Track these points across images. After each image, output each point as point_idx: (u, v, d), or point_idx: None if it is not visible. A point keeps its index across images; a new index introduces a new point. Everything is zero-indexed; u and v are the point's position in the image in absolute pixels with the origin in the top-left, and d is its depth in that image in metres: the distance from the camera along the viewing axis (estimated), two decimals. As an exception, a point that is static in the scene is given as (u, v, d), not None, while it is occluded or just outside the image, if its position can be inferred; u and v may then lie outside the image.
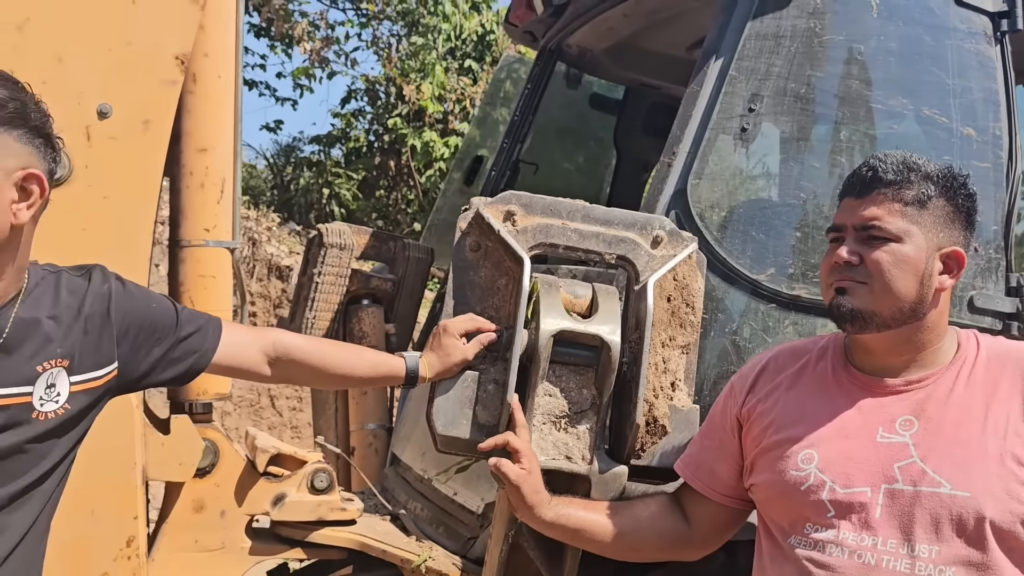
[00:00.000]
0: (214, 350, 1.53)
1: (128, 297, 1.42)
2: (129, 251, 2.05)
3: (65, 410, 1.32)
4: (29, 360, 1.28)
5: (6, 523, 1.28)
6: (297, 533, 2.37)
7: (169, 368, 1.48)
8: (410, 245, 3.31)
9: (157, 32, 2.06)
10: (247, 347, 1.59)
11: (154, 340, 1.45)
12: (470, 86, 10.96)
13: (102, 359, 1.37)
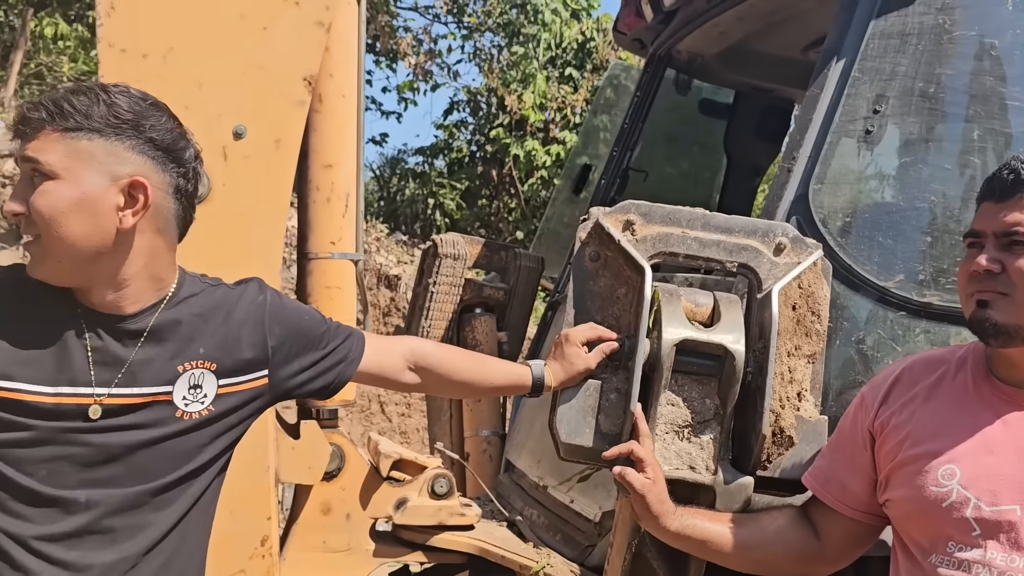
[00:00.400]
0: (360, 359, 1.59)
1: (282, 309, 1.49)
2: (262, 263, 2.15)
3: (210, 411, 1.37)
4: (170, 361, 1.34)
5: (148, 520, 1.33)
6: (418, 537, 2.42)
7: (319, 377, 1.54)
8: (521, 254, 3.35)
9: (287, 56, 2.16)
10: (389, 355, 1.66)
11: (306, 350, 1.51)
12: (571, 94, 11.00)
13: (252, 365, 1.43)
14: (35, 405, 1.26)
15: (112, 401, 1.29)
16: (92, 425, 1.28)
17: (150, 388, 1.32)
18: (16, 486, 1.26)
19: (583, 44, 11.21)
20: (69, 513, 1.28)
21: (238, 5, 2.12)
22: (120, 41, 2.08)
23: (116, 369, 1.31)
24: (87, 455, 1.29)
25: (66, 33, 9.30)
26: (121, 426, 1.30)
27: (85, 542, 1.29)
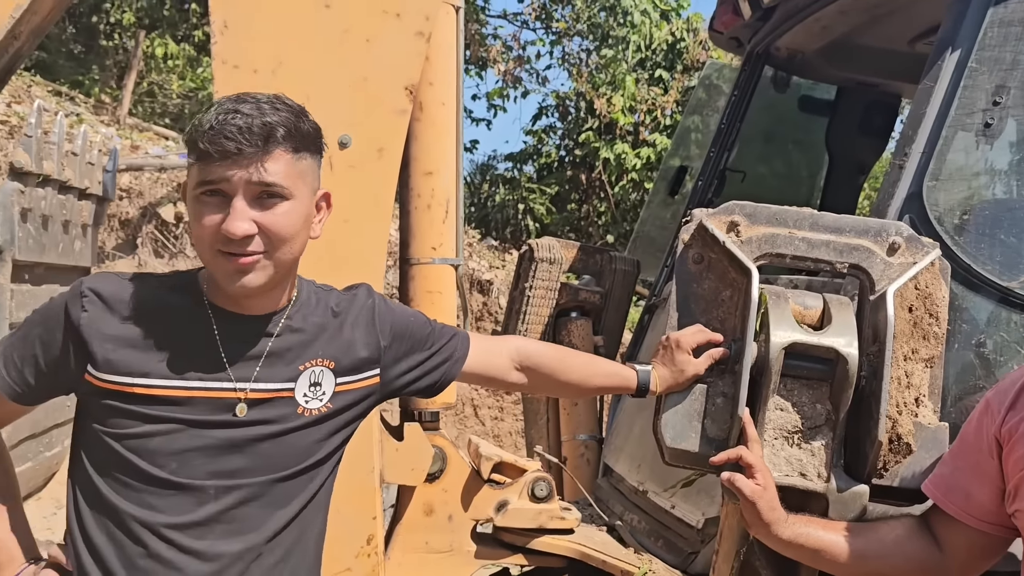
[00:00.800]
0: (464, 358, 1.62)
1: (390, 311, 1.55)
2: (366, 269, 2.21)
3: (328, 408, 1.42)
4: (293, 360, 1.40)
5: (270, 512, 1.38)
6: (518, 539, 2.44)
7: (426, 376, 1.59)
8: (617, 258, 3.33)
9: (389, 67, 2.21)
10: (495, 355, 1.68)
11: (413, 350, 1.56)
12: (660, 96, 10.87)
13: (365, 364, 1.48)
14: (170, 399, 1.32)
15: (249, 396, 1.35)
16: (227, 419, 1.34)
17: (276, 384, 1.38)
18: (149, 476, 1.32)
19: (673, 45, 11.07)
20: (199, 503, 1.34)
21: (343, 20, 2.18)
22: (233, 57, 2.17)
23: (251, 366, 1.36)
24: (217, 447, 1.34)
25: (175, 52, 9.77)
26: (250, 420, 1.35)
27: (214, 531, 1.35)
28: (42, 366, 1.34)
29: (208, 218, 1.28)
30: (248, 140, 1.26)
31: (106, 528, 1.34)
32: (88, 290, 1.33)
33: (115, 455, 1.32)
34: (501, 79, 12.01)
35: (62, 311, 1.33)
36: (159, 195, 7.10)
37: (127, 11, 10.43)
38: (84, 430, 1.36)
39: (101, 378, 1.31)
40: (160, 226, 7.00)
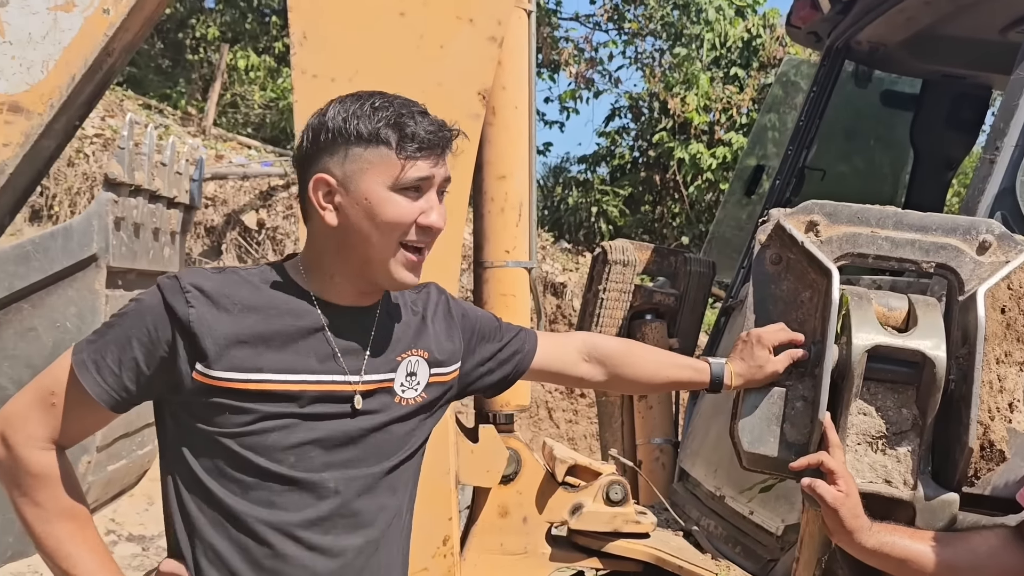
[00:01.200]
0: (535, 351, 1.62)
1: (460, 306, 1.57)
2: (442, 272, 2.23)
3: (422, 399, 1.42)
4: (392, 351, 1.40)
5: (382, 503, 1.38)
6: (593, 543, 2.43)
7: (499, 369, 1.59)
8: (692, 259, 3.30)
9: (462, 72, 2.24)
10: (561, 348, 1.67)
11: (484, 343, 1.56)
12: (736, 94, 10.68)
13: (451, 357, 1.49)
14: (286, 394, 1.30)
15: (361, 388, 1.35)
16: (343, 411, 1.33)
17: (380, 375, 1.38)
18: (268, 473, 1.30)
19: (748, 42, 10.87)
20: (320, 498, 1.32)
21: (417, 27, 2.22)
22: (311, 67, 2.23)
23: (360, 358, 1.36)
24: (333, 439, 1.33)
25: (256, 64, 10.08)
26: (362, 411, 1.35)
27: (337, 526, 1.33)
28: (143, 369, 1.28)
29: (406, 210, 1.29)
30: (447, 139, 1.32)
31: (226, 532, 1.30)
32: (189, 285, 1.29)
33: (229, 454, 1.29)
34: (573, 81, 11.99)
35: (163, 308, 1.28)
36: (242, 202, 7.33)
37: (211, 26, 10.81)
38: (188, 432, 1.31)
39: (214, 375, 1.27)
40: (243, 232, 7.22)
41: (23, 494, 1.30)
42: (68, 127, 2.47)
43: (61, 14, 2.24)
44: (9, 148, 2.22)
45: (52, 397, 1.29)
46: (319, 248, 1.36)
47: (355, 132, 1.29)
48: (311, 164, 1.33)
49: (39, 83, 2.23)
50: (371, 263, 1.32)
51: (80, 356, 1.29)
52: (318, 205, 1.32)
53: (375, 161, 1.29)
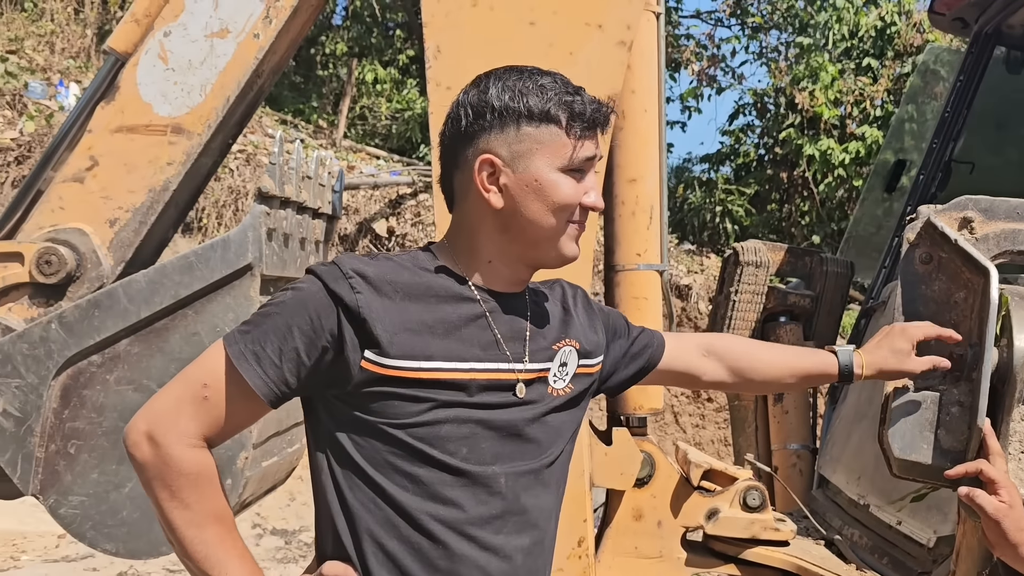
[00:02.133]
0: (663, 347, 1.56)
1: (597, 304, 1.54)
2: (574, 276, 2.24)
3: (570, 389, 1.36)
4: (548, 339, 1.34)
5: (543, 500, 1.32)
6: (730, 549, 2.39)
7: (631, 363, 1.54)
8: (828, 259, 3.19)
9: (592, 77, 2.25)
10: (686, 348, 1.60)
11: (618, 337, 1.52)
12: (869, 86, 10.22)
13: (596, 348, 1.44)
14: (456, 383, 1.25)
15: (523, 376, 1.30)
16: (509, 400, 1.28)
17: (539, 364, 1.32)
18: (444, 465, 1.24)
19: (882, 30, 10.37)
20: (491, 494, 1.26)
21: (547, 35, 2.25)
22: (446, 79, 2.30)
23: (520, 345, 1.31)
24: (500, 430, 1.27)
25: (383, 76, 10.43)
26: (525, 401, 1.30)
27: (508, 524, 1.28)
28: (304, 359, 1.21)
29: (574, 189, 1.26)
30: (608, 116, 1.29)
31: (397, 531, 1.24)
32: (351, 271, 1.23)
33: (400, 446, 1.23)
34: (695, 79, 11.78)
35: (326, 295, 1.21)
36: (373, 211, 7.61)
37: (339, 42, 11.27)
38: (350, 426, 1.25)
39: (384, 363, 1.21)
40: (374, 240, 7.49)
41: (173, 496, 1.22)
42: (223, 145, 2.65)
43: (217, 40, 2.41)
44: (173, 167, 2.41)
45: (205, 390, 1.22)
46: (475, 232, 1.30)
47: (525, 110, 1.24)
48: (469, 143, 1.27)
49: (198, 106, 2.40)
50: (539, 244, 1.28)
51: (237, 347, 1.21)
52: (482, 187, 1.26)
53: (546, 141, 1.24)
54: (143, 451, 1.22)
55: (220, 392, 1.22)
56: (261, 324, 1.22)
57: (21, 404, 2.22)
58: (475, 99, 1.27)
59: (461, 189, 1.31)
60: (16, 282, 2.33)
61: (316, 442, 1.31)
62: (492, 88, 1.27)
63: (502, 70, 1.30)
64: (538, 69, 1.31)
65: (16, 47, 7.26)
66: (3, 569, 5.43)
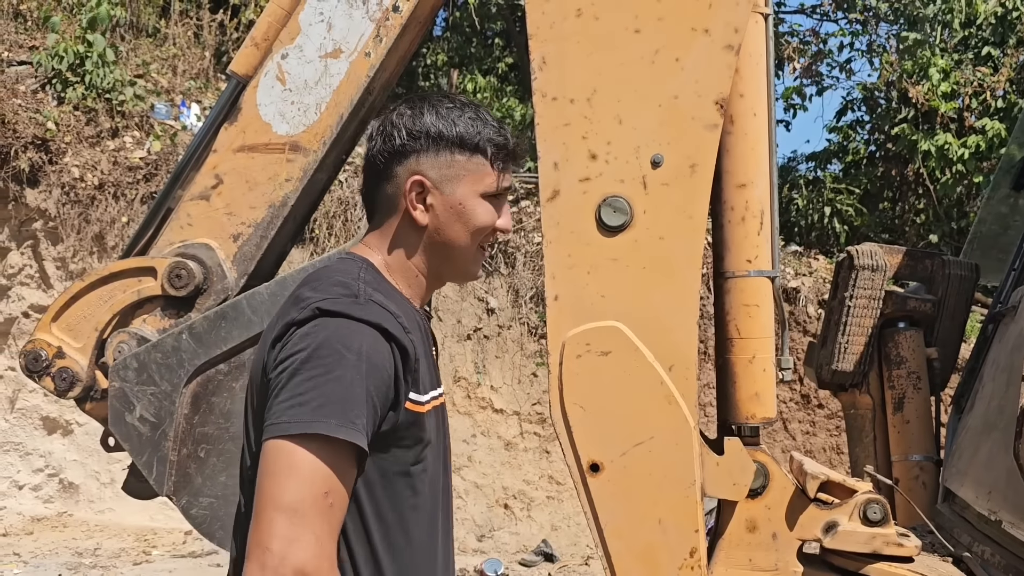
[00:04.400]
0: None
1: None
2: (681, 285, 2.24)
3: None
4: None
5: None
6: (850, 564, 2.31)
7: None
8: (950, 262, 3.05)
9: (699, 82, 2.23)
10: None
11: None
12: (989, 76, 9.68)
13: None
14: (435, 410, 1.38)
15: (444, 399, 1.47)
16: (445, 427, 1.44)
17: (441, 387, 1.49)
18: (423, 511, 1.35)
19: (1003, 17, 9.81)
20: (436, 514, 1.40)
21: (653, 42, 2.24)
22: (552, 90, 2.32)
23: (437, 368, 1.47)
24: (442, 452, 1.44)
25: (482, 85, 10.57)
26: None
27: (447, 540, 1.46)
28: (378, 414, 1.21)
29: (491, 215, 1.42)
30: (522, 152, 1.42)
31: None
32: (393, 309, 1.29)
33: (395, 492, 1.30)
34: (798, 75, 11.43)
35: (385, 343, 1.22)
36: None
37: (440, 52, 11.48)
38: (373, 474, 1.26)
39: (420, 402, 1.29)
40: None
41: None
42: (337, 161, 2.76)
43: (331, 60, 2.50)
44: (291, 183, 2.52)
45: (328, 498, 1.13)
46: (402, 247, 1.39)
47: (457, 139, 1.36)
48: (399, 162, 1.36)
49: (314, 124, 2.51)
50: (454, 261, 1.41)
51: (327, 424, 1.13)
52: (410, 204, 1.37)
53: (472, 169, 1.38)
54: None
55: (339, 487, 1.15)
56: (340, 390, 1.15)
57: (156, 410, 2.36)
58: (410, 122, 1.37)
59: (387, 203, 1.39)
60: (150, 295, 2.49)
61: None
62: (427, 114, 1.38)
63: (436, 98, 1.42)
64: (465, 100, 1.44)
65: (143, 71, 7.73)
66: (137, 563, 5.78)
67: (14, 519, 6.58)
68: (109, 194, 6.75)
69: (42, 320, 2.55)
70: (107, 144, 6.98)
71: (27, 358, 2.52)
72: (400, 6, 2.46)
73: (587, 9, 2.28)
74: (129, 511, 6.16)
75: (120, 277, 2.54)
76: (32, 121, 6.77)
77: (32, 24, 7.74)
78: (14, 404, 6.87)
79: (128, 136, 7.05)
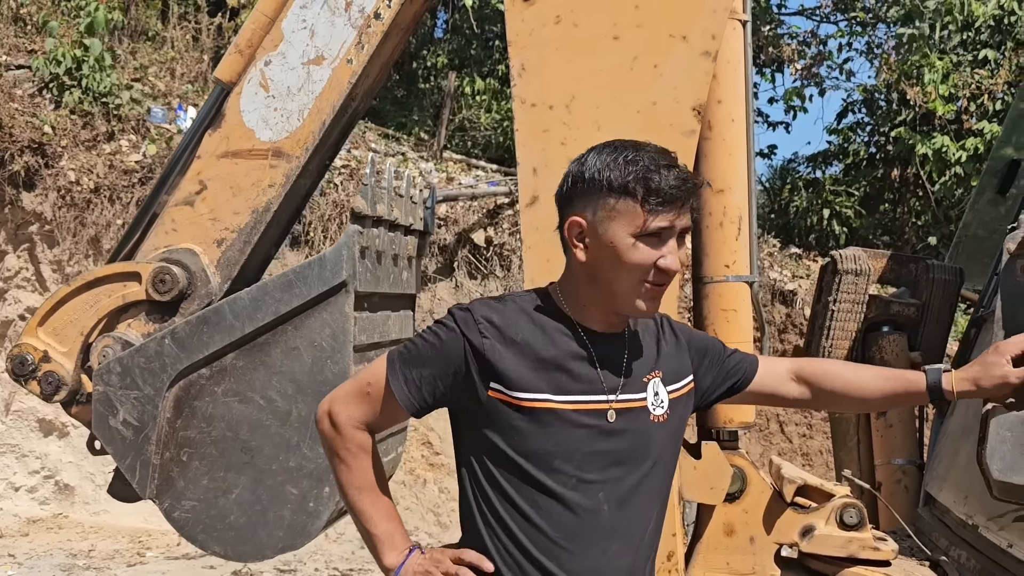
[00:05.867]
0: (755, 370, 1.71)
1: (683, 327, 1.69)
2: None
3: (668, 415, 1.56)
4: (639, 372, 1.55)
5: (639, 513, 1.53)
6: (827, 568, 2.32)
7: (723, 383, 1.70)
8: (934, 266, 3.06)
9: (677, 89, 2.25)
10: (777, 372, 1.74)
11: (710, 355, 1.69)
12: (987, 78, 9.66)
13: (683, 372, 1.62)
14: (561, 412, 1.47)
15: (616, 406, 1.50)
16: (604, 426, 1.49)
17: (633, 395, 1.53)
18: (550, 491, 1.47)
19: (1001, 19, 9.79)
20: (584, 514, 1.48)
21: (631, 49, 2.26)
22: (530, 97, 2.34)
23: (616, 380, 1.52)
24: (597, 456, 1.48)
25: (482, 88, 10.58)
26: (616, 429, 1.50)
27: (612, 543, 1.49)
28: (439, 385, 1.52)
29: (647, 254, 1.44)
30: (690, 192, 1.45)
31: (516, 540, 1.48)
32: (481, 318, 1.50)
33: (514, 467, 1.48)
34: (798, 77, 11.41)
35: (461, 339, 1.50)
36: (471, 222, 7.73)
37: (440, 55, 11.50)
38: (482, 442, 1.51)
39: (507, 393, 1.47)
40: (473, 250, 7.61)
41: (341, 462, 1.57)
42: (320, 166, 2.78)
43: (313, 67, 2.52)
44: (274, 188, 2.54)
45: (368, 388, 1.55)
46: (573, 278, 1.53)
47: (607, 183, 1.44)
48: (568, 206, 1.51)
49: (296, 130, 2.53)
50: (615, 296, 1.48)
51: (393, 365, 1.54)
52: (571, 243, 1.49)
53: (622, 211, 1.44)
54: (325, 425, 1.58)
55: (379, 393, 1.55)
56: (412, 350, 1.54)
57: (139, 414, 2.38)
58: (575, 168, 1.50)
59: (563, 241, 1.53)
60: (134, 299, 2.51)
61: (457, 447, 1.58)
62: (589, 159, 1.48)
63: (605, 144, 1.50)
64: (637, 143, 1.48)
65: (140, 75, 7.76)
66: (131, 564, 5.80)
67: (10, 521, 6.61)
68: (105, 197, 6.78)
69: (28, 324, 2.57)
70: (103, 148, 7.00)
71: (13, 363, 2.54)
72: (382, 13, 2.48)
73: (566, 16, 2.30)
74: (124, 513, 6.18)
75: (105, 282, 2.56)
76: (29, 125, 6.80)
77: (32, 28, 7.78)
78: (10, 406, 6.90)
79: (124, 140, 7.08)
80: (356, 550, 6.08)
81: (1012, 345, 1.55)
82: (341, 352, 2.31)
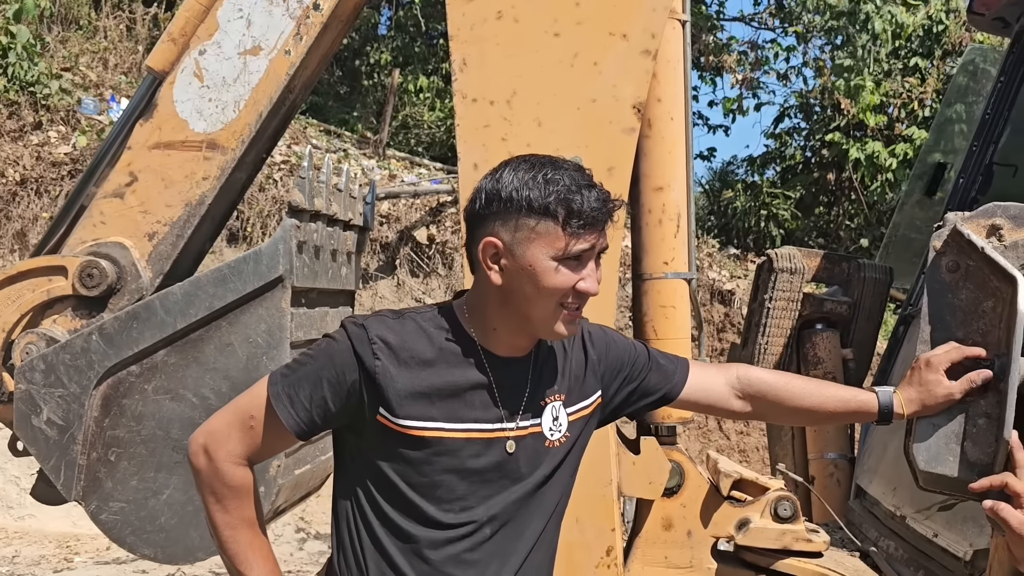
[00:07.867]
0: (683, 384, 1.64)
1: (605, 336, 1.61)
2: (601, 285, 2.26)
3: (567, 437, 1.51)
4: (538, 397, 1.49)
5: (526, 526, 1.49)
6: (761, 560, 2.37)
7: (645, 397, 1.64)
8: (866, 265, 3.14)
9: (617, 86, 2.26)
10: (713, 381, 1.66)
11: (630, 375, 1.61)
12: (917, 86, 10.00)
13: (588, 390, 1.55)
14: (454, 441, 1.42)
15: (515, 434, 1.45)
16: (500, 455, 1.44)
17: (530, 421, 1.47)
18: (434, 522, 1.42)
19: (929, 29, 10.14)
20: (474, 541, 1.44)
21: (572, 46, 2.27)
22: (472, 92, 2.33)
23: (516, 406, 1.46)
24: (492, 484, 1.44)
25: (425, 86, 10.53)
26: (513, 455, 1.45)
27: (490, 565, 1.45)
28: (331, 406, 1.42)
29: (567, 278, 1.37)
30: (609, 214, 1.38)
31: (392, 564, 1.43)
32: (376, 337, 1.41)
33: (398, 495, 1.42)
34: (738, 87, 11.64)
35: (353, 357, 1.40)
36: (414, 219, 7.68)
37: (384, 51, 11.40)
38: (364, 464, 1.45)
39: (394, 421, 1.40)
40: (415, 248, 7.56)
41: (217, 501, 1.46)
42: (257, 159, 2.72)
43: (250, 58, 2.47)
44: (208, 181, 2.47)
45: (251, 420, 1.45)
46: (483, 299, 1.45)
47: (526, 203, 1.35)
48: (480, 225, 1.41)
49: (232, 121, 2.46)
50: (532, 321, 1.41)
51: (276, 388, 1.43)
52: (484, 265, 1.40)
53: (542, 233, 1.35)
54: (199, 461, 1.46)
55: (261, 423, 1.44)
56: (298, 371, 1.44)
57: (64, 413, 2.30)
58: (489, 186, 1.40)
59: (473, 260, 1.45)
60: (60, 295, 2.42)
61: (337, 468, 1.51)
62: (504, 177, 1.39)
63: (519, 159, 1.41)
64: (554, 160, 1.41)
65: (71, 64, 7.51)
66: (58, 570, 5.60)
67: (-71, 527, 6.34)
68: (32, 190, 6.55)
69: (-54, 320, 2.46)
70: (30, 139, 6.77)
71: (-69, 360, 2.43)
72: (321, 4, 2.44)
73: (507, 12, 2.30)
74: (50, 517, 5.97)
75: (29, 276, 2.45)
76: (-49, 114, 6.55)
77: (-44, 14, 7.48)
78: (-70, 407, 6.62)
79: (53, 131, 6.85)
80: (295, 551, 5.98)
81: (941, 358, 1.60)
82: (277, 349, 2.26)
